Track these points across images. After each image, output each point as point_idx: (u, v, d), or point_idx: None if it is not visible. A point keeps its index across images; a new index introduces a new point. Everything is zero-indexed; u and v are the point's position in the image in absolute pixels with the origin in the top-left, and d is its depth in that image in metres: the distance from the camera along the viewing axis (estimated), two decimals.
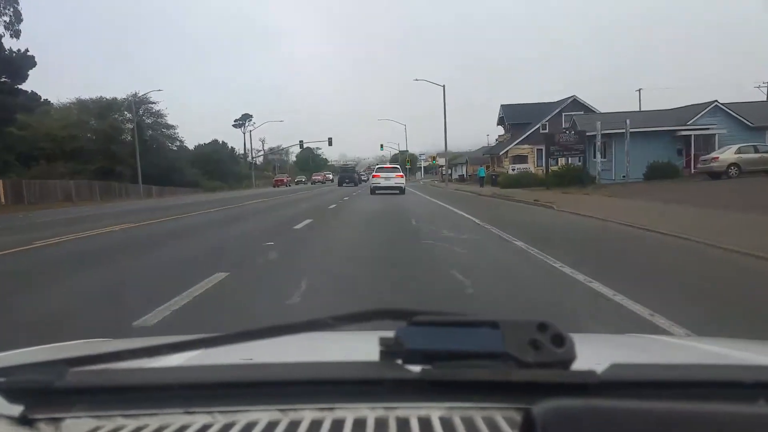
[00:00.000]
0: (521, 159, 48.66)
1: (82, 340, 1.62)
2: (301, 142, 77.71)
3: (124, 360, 0.74)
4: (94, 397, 0.70)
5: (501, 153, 49.63)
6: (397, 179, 29.67)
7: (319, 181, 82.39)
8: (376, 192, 28.93)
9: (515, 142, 48.51)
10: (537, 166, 46.48)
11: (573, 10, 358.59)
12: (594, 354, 1.07)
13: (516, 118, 51.51)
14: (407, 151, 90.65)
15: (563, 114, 48.14)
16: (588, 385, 0.65)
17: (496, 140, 57.62)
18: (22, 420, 0.67)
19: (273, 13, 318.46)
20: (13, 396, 0.68)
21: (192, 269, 6.41)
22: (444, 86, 45.13)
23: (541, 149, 46.45)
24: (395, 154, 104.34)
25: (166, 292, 4.91)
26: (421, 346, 0.67)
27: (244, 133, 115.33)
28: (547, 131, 46.66)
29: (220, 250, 8.40)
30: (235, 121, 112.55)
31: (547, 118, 48.21)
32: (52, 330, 3.97)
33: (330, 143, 75.16)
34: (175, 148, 59.63)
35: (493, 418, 0.66)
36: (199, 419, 0.68)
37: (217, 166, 66.41)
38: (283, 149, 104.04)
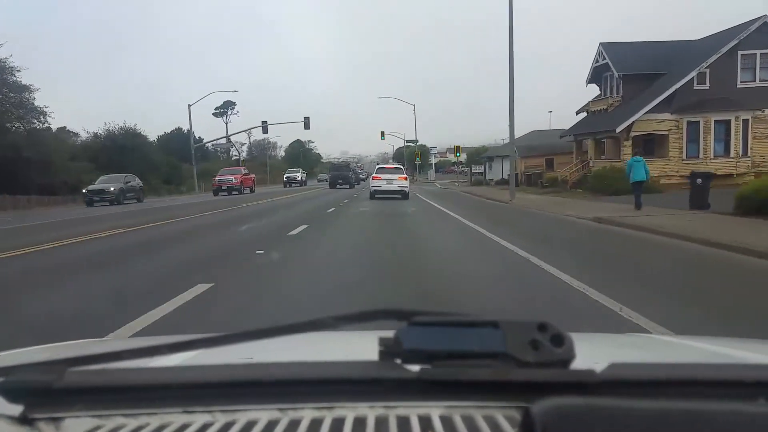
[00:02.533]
0: (655, 140, 25.24)
1: (81, 340, 1.61)
2: (264, 123, 50.73)
3: (124, 360, 0.74)
4: (93, 397, 0.70)
5: (619, 130, 25.12)
6: (399, 182, 25.37)
7: (231, 189, 36.53)
8: (376, 196, 24.61)
9: (647, 108, 24.95)
10: (688, 153, 23.24)
11: None
12: (593, 353, 1.06)
13: (633, 66, 27.60)
14: (417, 141, 66.16)
15: (738, 53, 24.76)
16: (587, 384, 0.65)
17: (587, 109, 31.78)
18: (22, 420, 0.68)
19: None
20: (12, 396, 0.68)
21: None
22: None
23: (696, 122, 23.00)
24: (399, 148, 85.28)
25: None
26: (421, 345, 0.67)
27: (227, 123, 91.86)
28: (707, 85, 23.17)
29: None
30: (215, 109, 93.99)
31: (706, 63, 24.83)
32: None
33: (307, 125, 49.92)
34: (42, 126, 34.66)
35: (494, 416, 0.67)
36: (199, 418, 0.68)
37: (127, 159, 39.63)
38: (232, 139, 74.34)
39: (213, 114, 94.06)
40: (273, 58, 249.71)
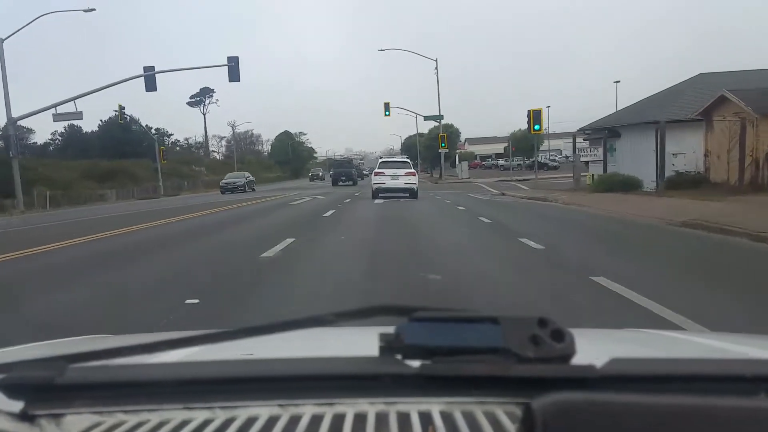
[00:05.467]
0: None
1: (82, 336, 1.63)
2: (147, 69, 29.33)
3: (125, 356, 0.75)
4: (94, 393, 0.70)
5: None
6: (406, 178, 22.20)
7: None
8: (380, 195, 21.65)
9: None
10: None
11: None
12: (594, 349, 1.07)
13: None
14: (441, 116, 41.80)
15: None
16: (587, 380, 0.65)
17: None
18: (23, 416, 0.68)
19: None
20: (14, 392, 0.69)
21: None
22: None
23: None
24: (411, 137, 67.35)
25: None
26: (421, 341, 0.68)
27: (204, 114, 77.46)
28: None
29: None
30: (190, 97, 79.69)
31: None
32: None
33: (234, 77, 30.05)
34: None
35: (494, 412, 0.67)
36: (199, 415, 0.68)
37: None
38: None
39: (187, 103, 77.77)
40: (273, 51, 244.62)
